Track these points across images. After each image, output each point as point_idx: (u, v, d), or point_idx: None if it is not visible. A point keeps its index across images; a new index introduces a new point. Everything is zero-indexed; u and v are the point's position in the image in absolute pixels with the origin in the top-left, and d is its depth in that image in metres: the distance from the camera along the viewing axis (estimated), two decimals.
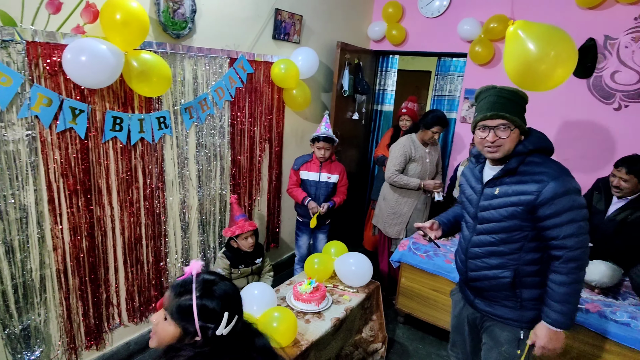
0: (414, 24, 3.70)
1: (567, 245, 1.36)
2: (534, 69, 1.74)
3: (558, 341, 1.44)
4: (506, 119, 1.39)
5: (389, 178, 2.88)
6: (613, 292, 2.33)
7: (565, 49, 1.71)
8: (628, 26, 2.78)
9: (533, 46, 1.70)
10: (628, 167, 2.26)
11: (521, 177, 1.42)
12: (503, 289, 1.51)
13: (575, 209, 1.36)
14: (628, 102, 2.85)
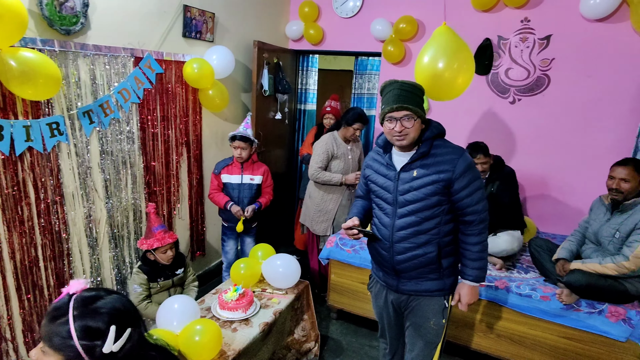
0: (331, 23, 3.76)
1: (478, 210, 1.56)
2: (440, 79, 1.84)
3: (476, 295, 1.69)
4: (410, 110, 1.51)
5: (312, 175, 2.90)
6: (517, 267, 2.58)
7: (465, 59, 1.84)
8: (516, 28, 3.09)
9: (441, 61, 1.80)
10: (483, 152, 2.61)
11: (435, 158, 1.57)
12: (430, 264, 1.63)
13: (478, 178, 1.58)
14: (521, 96, 3.18)
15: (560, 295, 2.19)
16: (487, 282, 2.37)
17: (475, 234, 1.59)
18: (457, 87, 2.11)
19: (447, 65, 1.95)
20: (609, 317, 2.12)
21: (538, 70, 3.08)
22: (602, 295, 2.13)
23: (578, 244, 2.40)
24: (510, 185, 2.69)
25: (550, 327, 2.26)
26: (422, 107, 1.56)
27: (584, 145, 2.99)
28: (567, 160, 3.06)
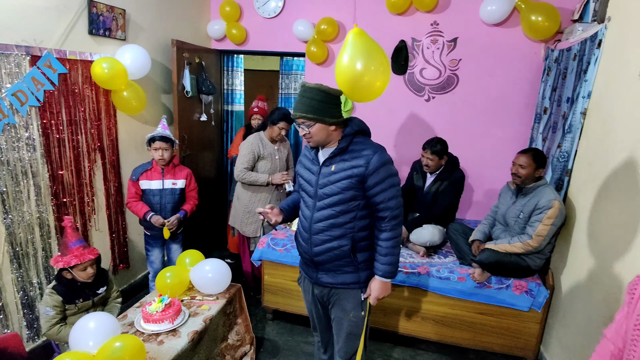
0: (253, 23, 3.73)
1: (390, 206, 1.62)
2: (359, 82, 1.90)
3: (387, 290, 1.72)
4: (305, 117, 1.58)
5: (237, 176, 2.86)
6: (437, 253, 2.78)
7: (381, 62, 1.92)
8: (427, 30, 3.32)
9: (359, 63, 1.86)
10: (431, 149, 2.72)
11: (352, 154, 1.63)
12: (344, 257, 1.69)
13: (392, 176, 1.62)
14: (435, 94, 3.42)
15: (473, 275, 2.41)
16: (410, 269, 2.53)
17: (387, 229, 1.64)
18: (376, 89, 2.20)
19: (365, 68, 2.03)
20: (515, 290, 2.37)
21: (448, 70, 3.34)
22: (508, 271, 2.37)
23: (490, 226, 2.65)
24: (455, 189, 2.83)
25: (467, 305, 2.47)
26: (328, 109, 1.58)
27: (489, 137, 3.31)
28: (476, 152, 3.37)
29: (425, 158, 2.79)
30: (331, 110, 1.59)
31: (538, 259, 2.34)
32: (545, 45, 3.07)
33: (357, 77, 2.05)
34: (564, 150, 2.41)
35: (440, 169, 2.83)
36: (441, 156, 2.76)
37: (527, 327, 2.42)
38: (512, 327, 2.44)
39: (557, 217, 2.17)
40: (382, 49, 1.93)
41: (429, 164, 2.77)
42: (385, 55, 1.94)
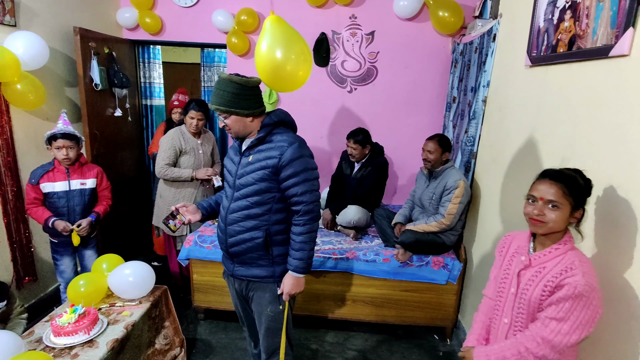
0: (169, 12, 3.54)
1: (304, 200, 1.60)
2: (281, 71, 1.88)
3: (299, 286, 1.69)
4: (218, 109, 1.56)
5: (159, 173, 2.72)
6: (364, 238, 2.90)
7: (302, 50, 1.93)
8: (347, 23, 3.42)
9: (279, 52, 1.84)
10: (354, 138, 2.84)
11: (269, 144, 1.61)
12: (257, 249, 1.67)
13: (308, 170, 1.60)
14: (356, 85, 3.54)
15: (397, 255, 2.56)
16: (340, 255, 2.61)
17: (300, 224, 1.62)
18: (299, 79, 2.22)
19: (285, 56, 2.03)
20: (433, 266, 2.57)
21: (367, 63, 3.47)
22: (427, 249, 2.55)
23: (410, 209, 2.82)
24: (378, 174, 2.97)
25: (393, 284, 2.62)
26: (240, 102, 1.54)
27: (408, 126, 3.51)
28: (397, 140, 3.56)
29: (349, 148, 2.91)
30: (247, 102, 1.56)
31: (452, 235, 2.55)
32: (452, 39, 3.33)
33: (278, 66, 2.04)
34: (470, 135, 2.64)
35: (365, 157, 2.96)
36: (364, 145, 2.88)
37: (446, 299, 2.63)
38: (433, 300, 2.64)
39: (464, 195, 2.38)
40: (301, 37, 1.92)
41: (353, 153, 2.90)
42: (305, 44, 1.94)
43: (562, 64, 1.65)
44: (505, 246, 1.44)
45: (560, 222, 1.18)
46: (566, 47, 1.60)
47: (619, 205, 1.27)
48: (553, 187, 1.18)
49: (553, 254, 1.21)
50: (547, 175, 1.23)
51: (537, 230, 1.23)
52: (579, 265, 1.14)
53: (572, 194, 1.17)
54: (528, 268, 1.27)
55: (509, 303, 1.32)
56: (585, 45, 1.48)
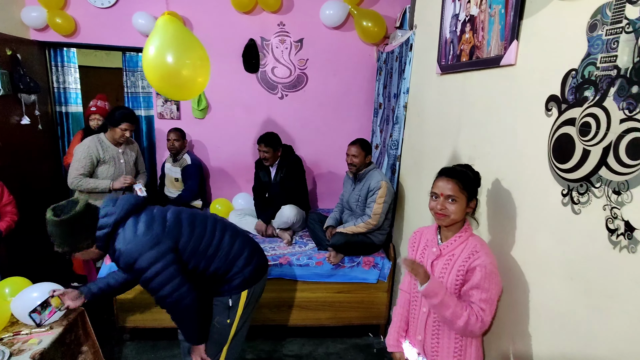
0: (84, 13, 3.30)
1: (158, 299, 1.58)
2: (177, 77, 1.78)
3: (200, 351, 1.74)
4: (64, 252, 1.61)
5: (71, 183, 2.52)
6: (297, 242, 2.91)
7: (200, 56, 1.84)
8: (275, 30, 3.44)
9: (172, 55, 1.74)
10: (265, 142, 2.91)
11: (113, 253, 1.60)
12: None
13: (149, 268, 1.52)
14: (287, 92, 3.57)
15: (329, 258, 2.60)
16: (273, 262, 2.59)
17: (169, 311, 1.66)
18: (196, 86, 2.05)
19: (179, 60, 1.81)
20: (364, 266, 2.65)
21: (297, 69, 3.52)
22: (358, 249, 2.63)
23: (340, 212, 2.89)
24: (296, 171, 3.04)
25: (327, 286, 2.66)
26: (71, 238, 1.55)
27: (339, 131, 3.61)
28: (328, 146, 3.63)
29: (262, 152, 2.95)
30: (75, 237, 1.53)
31: (380, 235, 2.65)
32: (377, 48, 3.49)
33: (171, 70, 1.85)
34: (394, 139, 2.78)
35: (277, 160, 3.04)
36: (275, 148, 2.95)
37: (378, 297, 2.72)
38: (365, 299, 2.72)
39: (387, 195, 2.49)
40: (199, 42, 1.86)
41: (266, 156, 2.95)
42: (203, 49, 1.88)
43: (465, 72, 1.80)
44: (416, 242, 1.55)
45: (459, 213, 1.34)
46: (468, 57, 1.75)
47: (506, 196, 1.41)
48: (450, 183, 1.35)
49: (458, 242, 1.37)
50: (443, 173, 1.40)
51: (442, 223, 1.38)
52: (481, 248, 1.32)
53: (465, 188, 1.35)
54: (439, 257, 1.40)
55: None
56: (482, 55, 1.63)
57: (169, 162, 3.39)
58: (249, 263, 1.76)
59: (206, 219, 1.75)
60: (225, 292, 1.73)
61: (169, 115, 3.54)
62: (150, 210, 1.65)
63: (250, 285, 1.77)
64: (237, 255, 1.73)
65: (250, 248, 1.80)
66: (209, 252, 1.66)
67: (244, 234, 1.85)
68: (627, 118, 0.94)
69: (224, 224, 1.79)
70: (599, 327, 1.01)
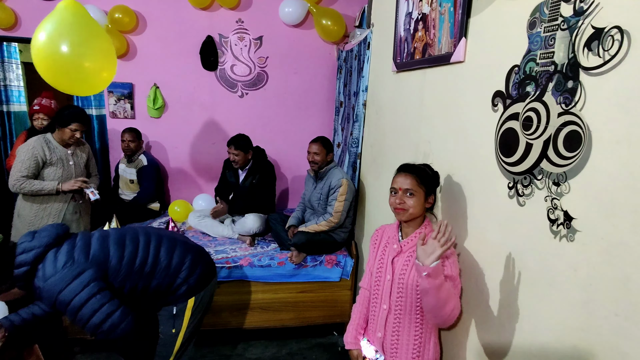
0: (25, 5, 3.09)
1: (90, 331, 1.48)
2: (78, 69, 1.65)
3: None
4: None
5: (14, 186, 2.34)
6: (260, 243, 2.86)
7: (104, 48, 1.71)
8: (234, 27, 3.37)
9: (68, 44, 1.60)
10: (235, 144, 2.80)
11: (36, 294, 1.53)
12: None
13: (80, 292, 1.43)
14: (247, 90, 3.50)
15: (291, 258, 2.57)
16: (233, 264, 2.53)
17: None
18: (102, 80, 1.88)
19: (80, 50, 1.62)
20: (327, 264, 2.64)
21: (258, 67, 3.46)
22: (320, 248, 2.61)
23: (302, 212, 2.87)
24: (269, 180, 2.96)
25: (289, 287, 2.62)
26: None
27: (301, 130, 3.58)
28: (290, 144, 3.60)
29: (231, 154, 2.85)
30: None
31: (342, 233, 2.65)
32: (337, 47, 3.50)
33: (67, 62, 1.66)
34: (354, 137, 2.79)
35: (249, 163, 2.93)
36: (246, 150, 2.86)
37: (341, 295, 2.72)
38: (329, 298, 2.71)
39: (348, 192, 2.50)
40: (104, 32, 1.73)
41: (236, 159, 2.85)
42: (109, 41, 1.75)
43: (419, 69, 1.83)
44: (378, 239, 1.55)
45: (417, 207, 1.35)
46: (421, 55, 1.78)
47: (458, 190, 1.45)
48: (408, 178, 1.37)
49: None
50: (401, 169, 1.43)
51: (401, 217, 1.38)
52: None
53: (423, 183, 1.36)
54: (400, 254, 1.40)
55: (387, 290, 1.42)
56: (434, 52, 1.66)
57: (123, 163, 3.24)
58: (193, 272, 1.68)
59: (137, 235, 1.64)
60: (170, 301, 1.66)
61: (122, 114, 3.38)
62: (73, 239, 1.54)
63: (197, 292, 1.69)
64: (178, 267, 1.65)
65: (192, 256, 1.71)
66: (146, 271, 1.58)
67: (183, 242, 1.76)
68: (564, 112, 0.98)
69: (158, 237, 1.69)
70: (543, 316, 1.04)
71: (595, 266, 0.89)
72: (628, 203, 0.81)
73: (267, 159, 3.04)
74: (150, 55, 3.30)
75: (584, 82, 0.93)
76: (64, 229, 1.58)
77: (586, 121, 0.91)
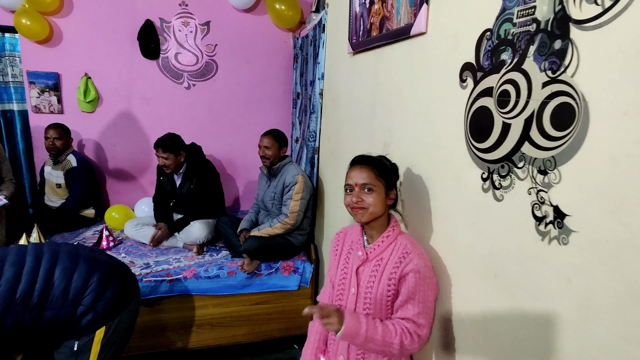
0: None
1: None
2: None
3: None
4: None
5: None
6: (208, 250, 2.55)
7: None
8: (177, 11, 3.02)
9: None
10: (163, 147, 2.49)
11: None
12: None
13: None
14: (194, 81, 3.17)
15: (242, 266, 2.29)
16: (175, 276, 2.21)
17: None
18: None
19: None
20: (283, 272, 2.37)
21: (205, 56, 3.14)
22: (275, 254, 2.35)
23: (256, 213, 2.59)
24: (209, 181, 2.63)
25: (242, 298, 2.34)
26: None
27: (255, 124, 3.29)
28: (243, 140, 3.30)
29: (160, 158, 2.51)
30: None
31: (300, 236, 2.40)
32: (293, 34, 3.24)
33: None
34: (312, 130, 2.54)
35: (182, 166, 2.61)
36: (177, 153, 2.53)
37: (301, 305, 2.46)
38: (287, 308, 2.45)
39: (304, 190, 2.25)
40: None
41: (166, 163, 2.51)
42: None
43: (375, 48, 1.61)
44: (339, 244, 1.32)
45: (379, 205, 1.14)
46: (378, 30, 1.56)
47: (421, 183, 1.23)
48: (364, 171, 1.16)
49: (386, 243, 1.16)
50: (355, 162, 1.21)
51: (361, 219, 1.17)
52: (412, 248, 1.12)
53: (381, 175, 1.16)
54: (366, 262, 1.18)
55: (350, 305, 1.20)
56: (392, 26, 1.44)
57: (49, 165, 2.82)
58: (101, 296, 1.36)
59: (24, 254, 1.32)
60: (72, 335, 1.33)
61: (47, 108, 2.96)
62: None
63: (109, 320, 1.37)
64: (80, 291, 1.33)
65: (100, 274, 1.38)
66: (33, 301, 1.25)
67: (89, 258, 1.41)
68: (550, 80, 0.77)
69: (53, 254, 1.36)
70: (525, 334, 0.84)
71: (597, 276, 0.69)
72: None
73: (204, 158, 2.72)
74: (79, 41, 2.90)
75: (576, 40, 0.72)
76: None
77: (580, 90, 0.71)
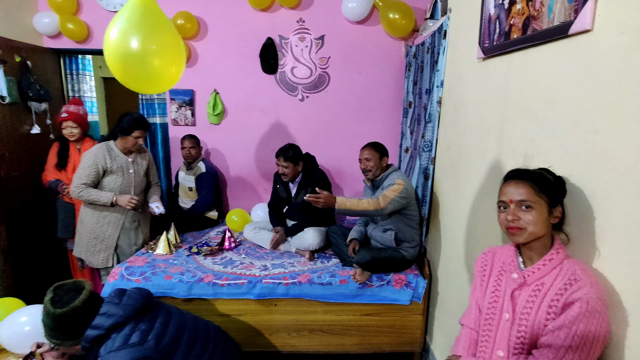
0: (97, 18, 3.19)
1: None
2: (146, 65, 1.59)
3: None
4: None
5: (73, 192, 2.35)
6: (320, 257, 2.61)
7: (173, 42, 1.65)
8: (294, 28, 3.20)
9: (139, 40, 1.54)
10: (284, 155, 2.59)
11: None
12: None
13: None
14: (308, 93, 3.31)
15: (354, 276, 2.28)
16: (291, 280, 2.30)
17: None
18: (171, 76, 1.88)
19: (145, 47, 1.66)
20: (395, 285, 2.31)
21: (319, 69, 3.26)
22: (386, 266, 2.30)
23: (365, 224, 2.57)
24: (325, 190, 2.69)
25: (353, 308, 2.34)
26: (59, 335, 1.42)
27: (364, 134, 3.29)
28: (352, 150, 3.30)
29: (280, 167, 2.64)
30: (68, 331, 1.38)
31: (411, 249, 2.32)
32: (405, 42, 3.18)
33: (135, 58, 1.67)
34: (427, 140, 2.44)
35: (298, 175, 2.71)
36: (296, 162, 2.63)
37: (412, 320, 2.37)
38: (397, 323, 2.37)
39: (402, 191, 2.13)
40: (169, 22, 1.63)
41: (285, 172, 2.63)
42: (175, 32, 1.65)
43: (516, 51, 1.47)
44: (487, 264, 1.22)
45: (539, 224, 1.01)
46: (520, 32, 1.42)
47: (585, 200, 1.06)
48: (520, 187, 1.03)
49: (548, 267, 1.02)
50: (510, 176, 1.09)
51: (518, 240, 1.05)
52: (583, 275, 0.96)
53: (543, 190, 1.02)
54: (523, 287, 1.06)
55: (504, 331, 1.09)
56: (541, 26, 1.30)
57: (182, 171, 3.20)
58: None
59: (208, 336, 1.63)
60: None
61: (183, 121, 3.37)
62: (153, 318, 1.48)
63: None
64: None
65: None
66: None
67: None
68: None
69: (215, 339, 1.68)
70: None
71: None
72: None
73: (318, 167, 2.80)
74: (211, 61, 3.25)
75: None
76: (149, 297, 1.55)
77: None
